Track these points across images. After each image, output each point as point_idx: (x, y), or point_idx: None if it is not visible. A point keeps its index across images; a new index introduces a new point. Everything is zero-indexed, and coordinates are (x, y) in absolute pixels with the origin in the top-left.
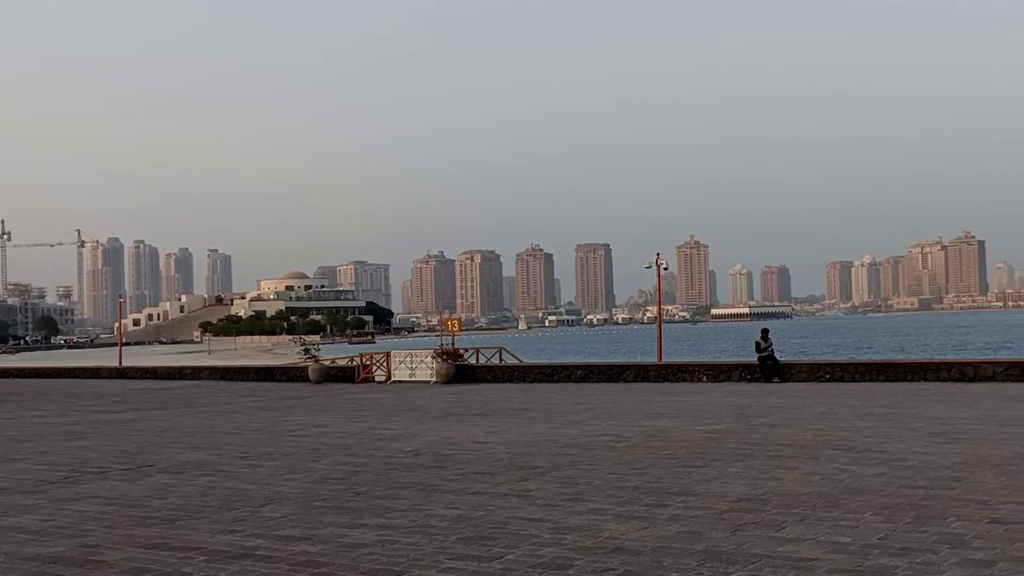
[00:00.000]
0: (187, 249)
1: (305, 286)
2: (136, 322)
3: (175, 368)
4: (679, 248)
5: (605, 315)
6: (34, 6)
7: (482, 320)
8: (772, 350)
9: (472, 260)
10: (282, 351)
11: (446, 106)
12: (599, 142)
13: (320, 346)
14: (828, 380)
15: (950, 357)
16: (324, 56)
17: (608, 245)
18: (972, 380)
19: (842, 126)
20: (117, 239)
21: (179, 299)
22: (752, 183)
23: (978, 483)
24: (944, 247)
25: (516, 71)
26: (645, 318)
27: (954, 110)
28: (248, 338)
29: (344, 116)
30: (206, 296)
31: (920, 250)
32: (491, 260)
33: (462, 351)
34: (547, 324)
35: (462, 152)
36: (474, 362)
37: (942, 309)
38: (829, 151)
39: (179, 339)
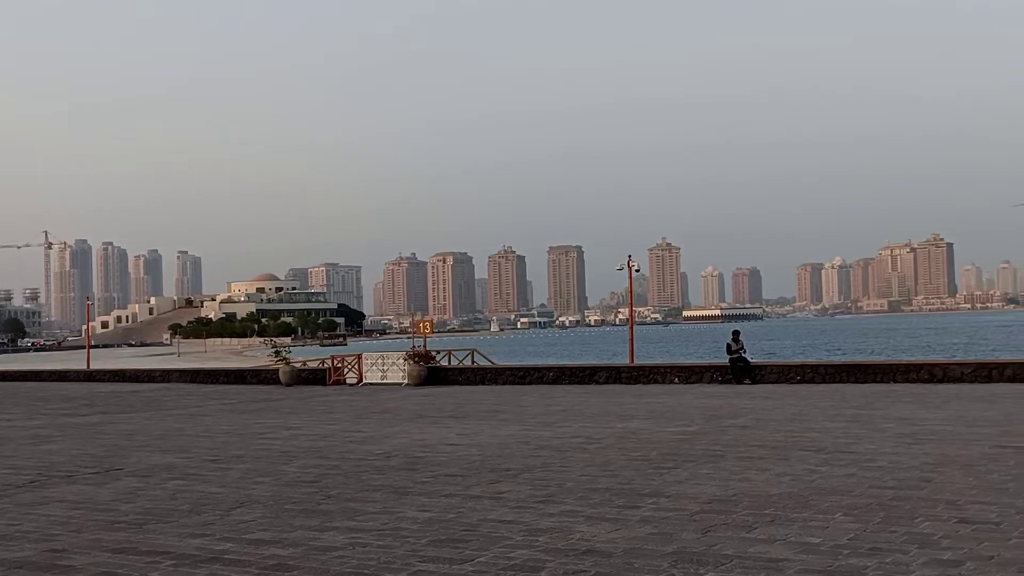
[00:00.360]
0: (156, 251)
1: (276, 288)
2: (104, 324)
3: (144, 371)
4: (651, 250)
5: (577, 317)
6: (15, 7)
7: (454, 322)
8: (743, 352)
9: (444, 262)
10: (253, 353)
11: (436, 106)
12: (575, 145)
13: (291, 348)
14: (799, 381)
15: (919, 358)
16: (315, 57)
17: (580, 247)
18: (941, 381)
19: (822, 128)
20: (85, 241)
21: (148, 301)
22: (723, 185)
23: (946, 483)
24: (913, 249)
25: (494, 72)
26: (617, 320)
27: (931, 114)
28: (218, 340)
29: (337, 116)
30: (176, 298)
31: (890, 252)
32: (463, 262)
33: (434, 353)
34: (519, 326)
35: (439, 155)
36: (446, 364)
37: (911, 311)
38: (803, 153)
39: (148, 341)
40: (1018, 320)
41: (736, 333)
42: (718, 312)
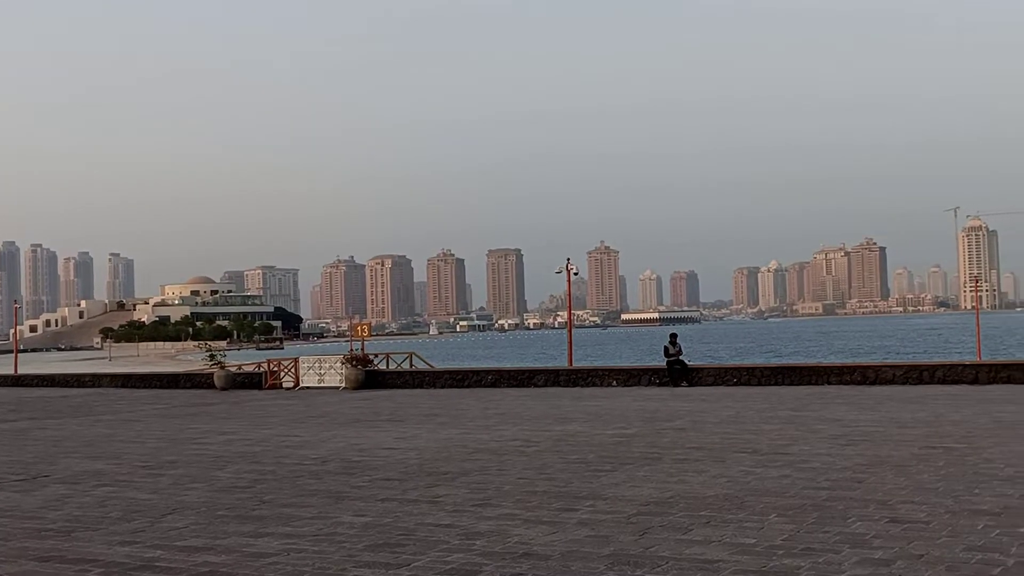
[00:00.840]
0: (87, 253)
1: (211, 291)
2: (33, 328)
3: (74, 376)
4: (590, 254)
5: (516, 320)
6: None
7: (393, 326)
8: (680, 355)
9: (382, 265)
10: (187, 357)
11: (374, 110)
12: (514, 149)
13: (226, 352)
14: (735, 384)
15: (852, 361)
16: (249, 56)
17: (519, 250)
18: (873, 383)
19: (758, 134)
20: (13, 243)
21: (79, 304)
22: (661, 189)
23: (878, 484)
24: (847, 253)
25: (438, 75)
26: (556, 323)
27: (864, 120)
28: (151, 344)
29: (272, 119)
30: (107, 301)
31: (824, 256)
32: (402, 265)
33: (372, 357)
34: (458, 329)
35: (376, 158)
36: (384, 367)
37: (845, 314)
38: (739, 159)
39: (79, 346)
40: (947, 323)
41: (673, 336)
42: (656, 315)
